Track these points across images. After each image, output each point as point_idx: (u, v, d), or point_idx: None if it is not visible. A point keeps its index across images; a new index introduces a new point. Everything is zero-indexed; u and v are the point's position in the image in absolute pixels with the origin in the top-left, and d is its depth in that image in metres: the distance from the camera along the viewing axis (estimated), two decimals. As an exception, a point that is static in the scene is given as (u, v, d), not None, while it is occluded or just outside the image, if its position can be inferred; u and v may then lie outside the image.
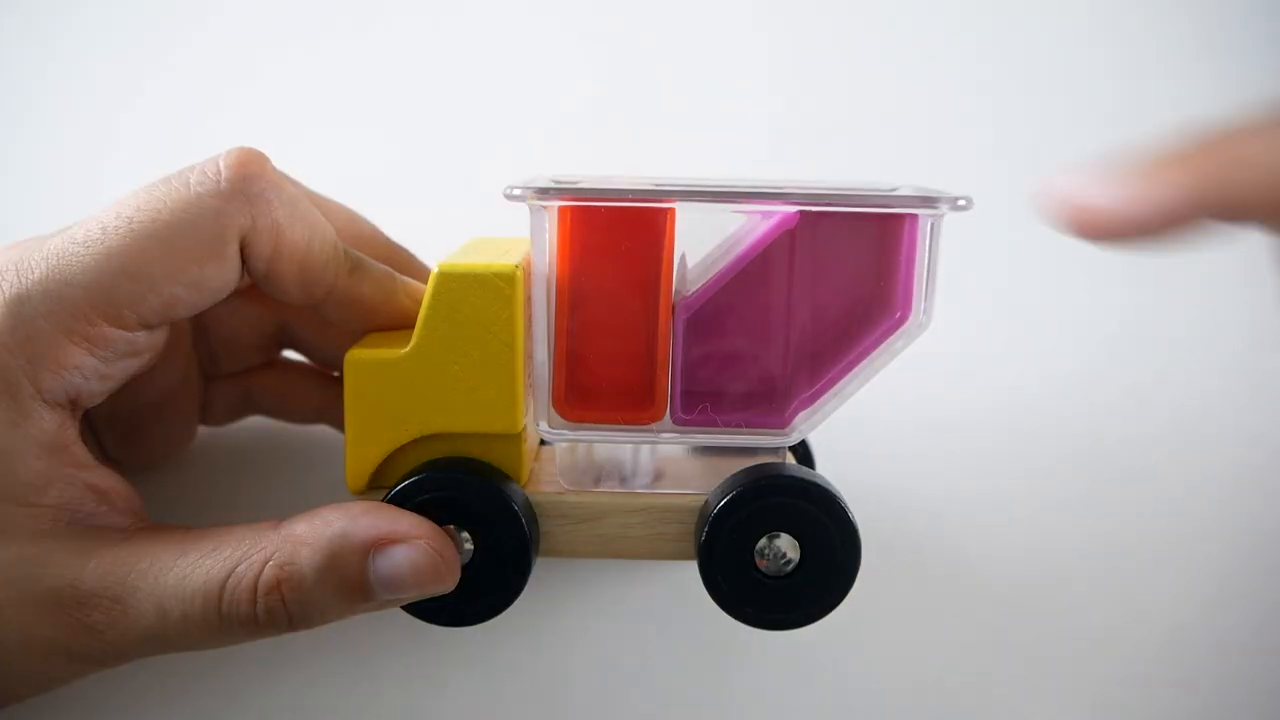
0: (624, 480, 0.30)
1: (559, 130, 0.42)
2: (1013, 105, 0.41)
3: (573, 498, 0.29)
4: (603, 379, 0.29)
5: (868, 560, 0.28)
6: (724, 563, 0.28)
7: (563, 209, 0.27)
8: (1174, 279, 0.39)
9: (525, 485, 0.30)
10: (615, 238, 0.27)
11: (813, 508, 0.28)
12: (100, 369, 0.28)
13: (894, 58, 0.42)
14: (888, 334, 0.28)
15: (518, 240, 0.31)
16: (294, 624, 0.27)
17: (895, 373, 0.29)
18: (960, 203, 0.27)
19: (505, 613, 0.29)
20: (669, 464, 0.31)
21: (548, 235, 0.27)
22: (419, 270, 0.33)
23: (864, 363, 0.29)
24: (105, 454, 0.33)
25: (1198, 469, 0.38)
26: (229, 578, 0.26)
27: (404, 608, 0.28)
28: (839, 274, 0.28)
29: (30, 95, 0.42)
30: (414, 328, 0.28)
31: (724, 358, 0.29)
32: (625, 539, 0.29)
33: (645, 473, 0.31)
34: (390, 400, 0.28)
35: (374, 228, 0.34)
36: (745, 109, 0.42)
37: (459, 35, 0.43)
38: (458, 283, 0.27)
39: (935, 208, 0.27)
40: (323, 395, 0.35)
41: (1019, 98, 0.41)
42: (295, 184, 0.30)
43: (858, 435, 0.37)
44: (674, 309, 0.28)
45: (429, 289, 0.28)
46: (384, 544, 0.27)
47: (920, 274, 0.28)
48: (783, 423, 0.29)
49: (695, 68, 0.42)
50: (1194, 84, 0.41)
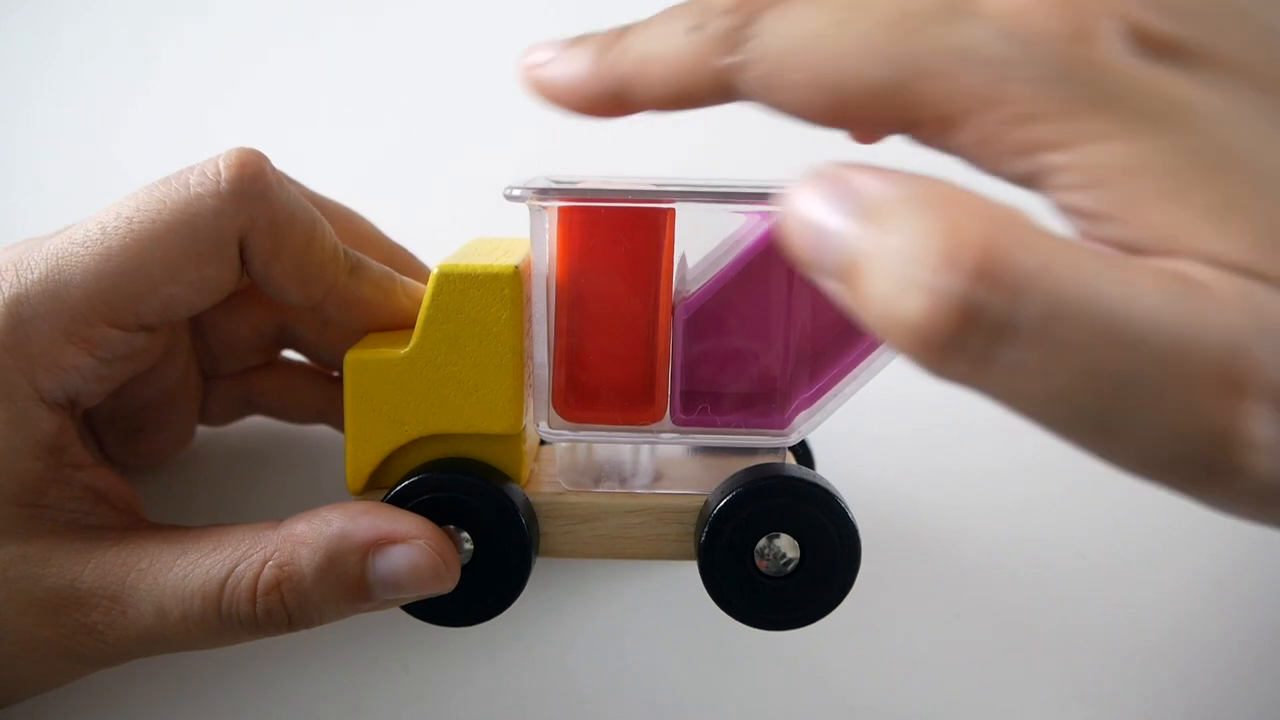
0: (624, 481, 0.30)
1: (559, 130, 0.42)
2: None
3: (572, 498, 0.29)
4: (602, 379, 0.29)
5: (868, 560, 0.28)
6: (724, 563, 0.28)
7: (562, 209, 0.27)
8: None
9: (525, 486, 0.30)
10: (615, 238, 0.27)
11: (813, 508, 0.28)
12: (99, 369, 0.28)
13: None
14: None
15: (518, 240, 0.31)
16: (293, 624, 0.27)
17: (895, 372, 0.29)
18: None
19: (505, 613, 0.29)
20: (669, 464, 0.31)
21: (547, 236, 0.27)
22: (419, 270, 0.33)
23: (864, 363, 0.28)
24: (105, 454, 0.33)
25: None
26: (228, 577, 0.26)
27: (404, 608, 0.28)
28: None
29: (30, 95, 0.42)
30: (414, 328, 0.28)
31: (724, 358, 0.29)
32: (625, 539, 0.29)
33: (645, 473, 0.31)
34: (390, 400, 0.28)
35: (374, 228, 0.34)
36: (745, 109, 0.42)
37: (459, 35, 0.43)
38: (458, 283, 0.27)
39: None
40: (322, 395, 0.35)
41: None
42: (295, 184, 0.30)
43: (858, 435, 0.37)
44: (674, 309, 0.28)
45: (429, 289, 0.28)
46: (384, 544, 0.27)
47: None
48: (783, 423, 0.29)
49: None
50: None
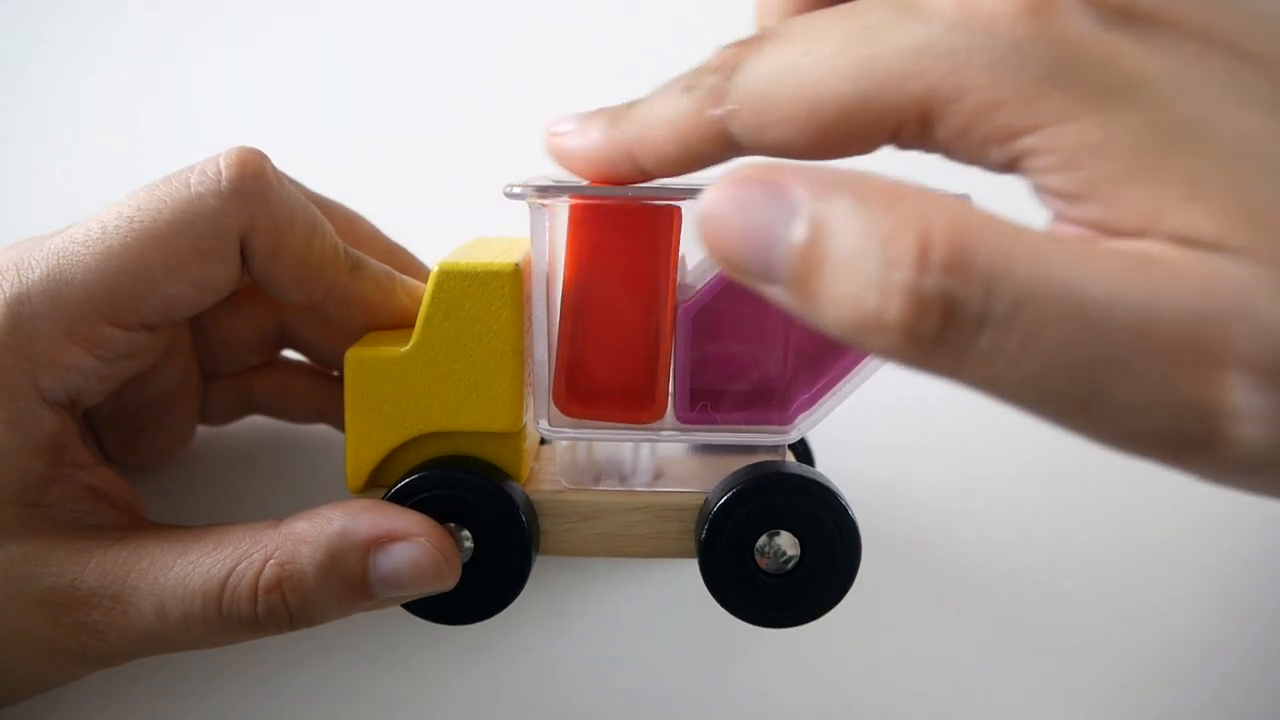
0: (624, 479, 0.30)
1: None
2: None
3: (573, 496, 0.29)
4: (603, 377, 0.29)
5: (868, 558, 0.28)
6: (724, 561, 0.28)
7: (574, 206, 0.27)
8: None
9: (525, 484, 0.30)
10: (619, 236, 0.27)
11: (813, 505, 0.28)
12: (100, 369, 0.28)
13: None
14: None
15: (518, 240, 0.31)
16: (294, 622, 0.27)
17: (895, 370, 0.29)
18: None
19: (505, 611, 0.29)
20: (669, 462, 0.31)
21: (548, 234, 0.27)
22: (418, 269, 0.33)
23: (865, 361, 0.29)
24: (105, 454, 0.33)
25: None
26: (229, 576, 0.26)
27: (404, 606, 0.28)
28: None
29: (30, 95, 0.42)
30: (414, 327, 0.28)
31: (725, 357, 0.29)
32: (625, 537, 0.29)
33: (645, 471, 0.31)
34: (390, 399, 0.28)
35: (374, 228, 0.34)
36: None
37: (459, 35, 0.43)
38: (458, 281, 0.27)
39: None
40: (323, 395, 0.35)
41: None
42: (295, 184, 0.30)
43: (858, 433, 0.37)
44: (676, 308, 0.28)
45: (429, 287, 0.28)
46: (385, 542, 0.27)
47: None
48: (784, 420, 0.29)
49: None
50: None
